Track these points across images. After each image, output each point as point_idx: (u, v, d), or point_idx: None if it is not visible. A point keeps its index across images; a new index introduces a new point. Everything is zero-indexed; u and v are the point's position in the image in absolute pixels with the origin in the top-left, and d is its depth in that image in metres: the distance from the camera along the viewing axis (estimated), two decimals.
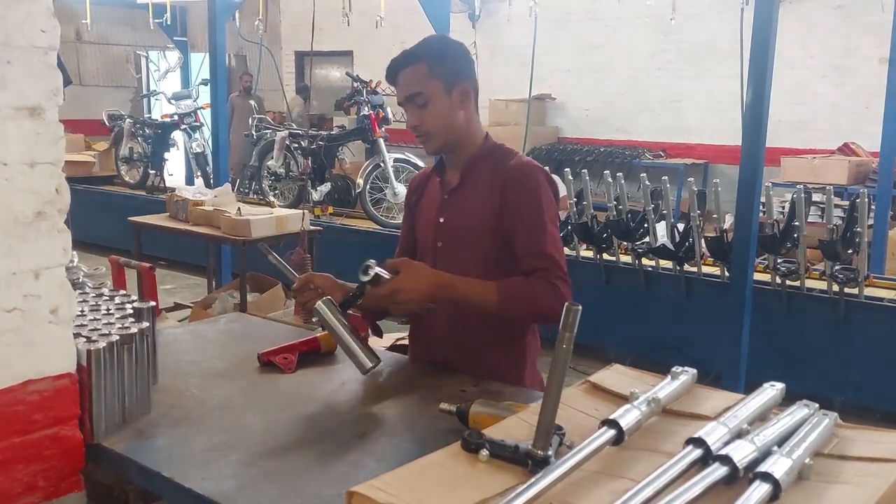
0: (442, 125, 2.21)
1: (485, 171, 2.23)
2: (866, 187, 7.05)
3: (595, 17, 11.01)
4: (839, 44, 9.31)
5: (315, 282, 2.24)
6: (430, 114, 2.19)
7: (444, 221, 2.28)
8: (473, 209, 2.22)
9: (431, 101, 2.18)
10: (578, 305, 1.41)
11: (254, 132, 8.90)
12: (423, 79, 2.18)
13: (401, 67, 2.21)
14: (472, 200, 2.23)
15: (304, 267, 4.52)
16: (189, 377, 2.14)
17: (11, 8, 1.58)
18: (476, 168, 2.25)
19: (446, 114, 2.20)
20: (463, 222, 2.24)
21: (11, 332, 1.63)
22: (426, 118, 2.19)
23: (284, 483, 1.56)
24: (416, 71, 2.19)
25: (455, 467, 1.40)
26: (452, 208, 2.27)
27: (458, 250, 2.24)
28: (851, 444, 1.47)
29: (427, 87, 2.17)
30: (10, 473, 1.64)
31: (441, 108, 2.19)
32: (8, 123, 1.60)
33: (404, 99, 2.21)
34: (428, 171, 2.46)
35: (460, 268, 2.18)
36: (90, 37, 14.02)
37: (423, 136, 2.22)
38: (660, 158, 10.44)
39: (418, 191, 2.44)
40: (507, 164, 2.22)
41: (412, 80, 2.19)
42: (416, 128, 2.22)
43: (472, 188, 2.24)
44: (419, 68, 2.19)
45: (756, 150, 4.34)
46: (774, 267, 4.99)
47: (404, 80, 2.20)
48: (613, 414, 1.45)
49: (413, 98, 2.19)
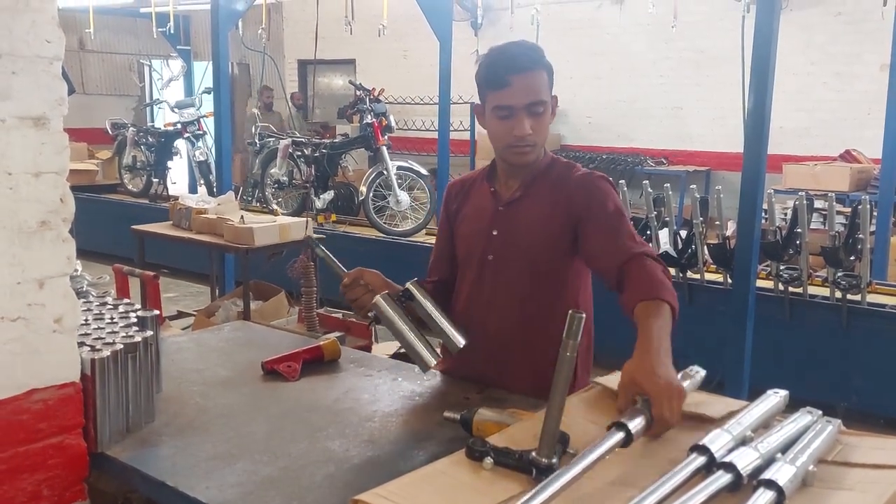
0: (545, 138, 2.15)
1: (545, 185, 2.18)
2: (868, 194, 7.04)
3: (597, 24, 11.03)
4: (840, 51, 9.31)
5: (365, 278, 2.17)
6: (543, 124, 2.12)
7: (498, 234, 2.20)
8: (532, 223, 2.16)
9: (546, 112, 2.11)
10: (582, 313, 1.41)
11: (257, 140, 8.91)
12: (545, 88, 2.09)
13: (522, 70, 2.06)
14: (531, 214, 2.17)
15: (307, 275, 4.51)
16: (193, 385, 2.15)
17: (16, 18, 1.59)
18: (536, 181, 2.19)
19: (548, 127, 2.17)
20: (520, 236, 2.17)
21: (16, 341, 1.64)
22: (539, 128, 2.10)
23: (288, 491, 1.56)
24: (541, 78, 2.09)
25: (459, 475, 1.40)
26: (508, 221, 2.20)
27: (509, 263, 2.18)
28: (855, 450, 1.47)
29: (547, 97, 2.10)
30: (15, 482, 1.65)
31: (548, 120, 2.14)
32: (13, 133, 1.60)
33: (526, 104, 2.06)
34: (468, 178, 2.39)
35: (508, 281, 2.17)
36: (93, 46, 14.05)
37: (529, 146, 2.11)
38: (662, 165, 10.44)
39: (459, 198, 2.35)
40: (570, 178, 2.17)
41: (538, 88, 2.08)
42: (525, 137, 2.08)
43: (533, 201, 2.17)
44: (542, 76, 2.09)
45: (758, 156, 4.33)
46: (777, 274, 4.99)
47: (528, 85, 2.07)
48: (622, 417, 1.46)
49: (535, 105, 2.07)
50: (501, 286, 2.19)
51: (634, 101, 10.88)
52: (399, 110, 11.44)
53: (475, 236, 2.25)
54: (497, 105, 2.09)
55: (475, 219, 2.27)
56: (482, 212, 2.25)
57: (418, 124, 11.59)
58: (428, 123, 11.12)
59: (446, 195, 2.42)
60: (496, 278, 2.20)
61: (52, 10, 1.64)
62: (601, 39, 10.99)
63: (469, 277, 2.28)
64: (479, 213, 2.26)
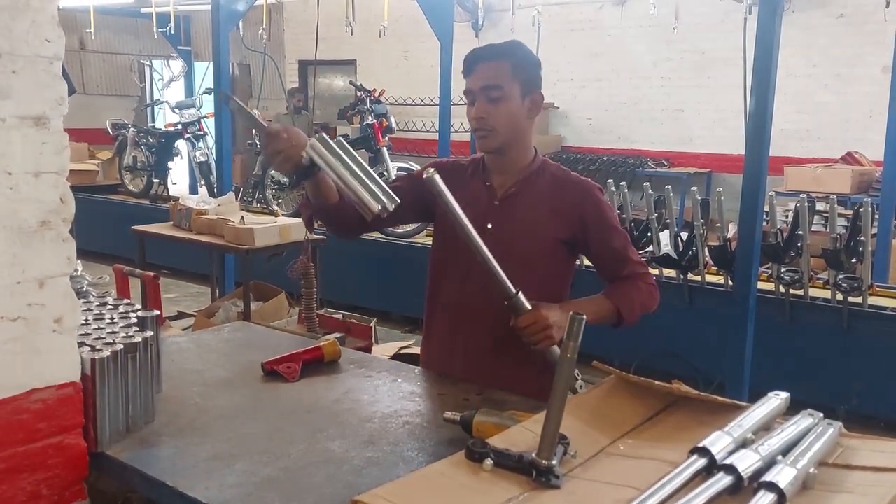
0: (508, 125, 2.21)
1: (543, 184, 2.27)
2: (870, 196, 7.04)
3: (598, 26, 11.04)
4: (842, 53, 9.32)
5: (289, 131, 2.06)
6: (501, 111, 2.19)
7: (493, 228, 2.24)
8: (528, 218, 2.24)
9: (506, 99, 2.18)
10: (583, 315, 1.41)
11: (257, 141, 8.91)
12: (504, 75, 2.18)
13: (483, 59, 2.20)
14: (528, 210, 2.25)
15: (307, 276, 4.51)
16: (193, 386, 2.14)
17: (16, 18, 1.59)
18: (532, 178, 2.28)
19: (515, 116, 2.21)
20: (515, 231, 2.24)
21: (16, 340, 1.63)
22: (495, 113, 2.18)
23: (288, 492, 1.56)
24: (499, 66, 2.19)
25: (459, 476, 1.39)
26: (504, 215, 2.26)
27: (502, 257, 2.14)
28: (856, 453, 1.46)
29: (506, 84, 2.18)
30: (14, 482, 1.64)
31: (513, 108, 2.20)
32: (13, 132, 1.60)
33: (479, 89, 2.19)
34: (456, 165, 2.41)
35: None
36: (94, 46, 14.07)
37: (486, 130, 2.20)
38: (663, 167, 10.44)
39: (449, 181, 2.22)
40: (568, 181, 2.29)
41: (493, 74, 2.18)
42: (480, 120, 2.20)
43: (529, 198, 2.26)
44: (503, 65, 2.19)
45: (759, 159, 4.34)
46: (778, 276, 4.99)
47: (484, 72, 2.19)
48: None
49: (488, 90, 2.18)
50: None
51: (635, 102, 10.89)
52: (399, 111, 11.45)
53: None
54: (464, 90, 2.24)
55: (467, 210, 2.17)
56: (475, 204, 2.23)
57: (419, 125, 11.60)
58: (428, 124, 11.13)
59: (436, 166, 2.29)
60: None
61: (53, 9, 1.64)
62: (602, 41, 11.00)
63: (458, 269, 2.29)
64: (472, 205, 2.20)
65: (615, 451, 1.52)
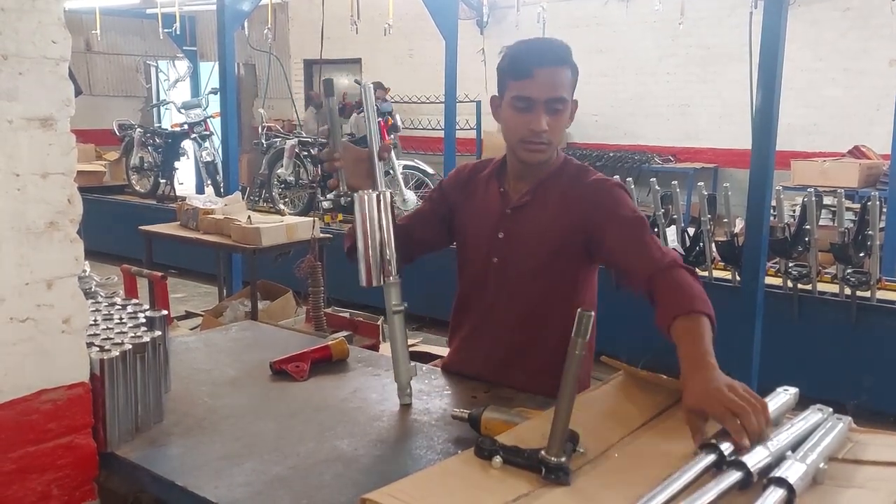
0: (560, 137, 2.11)
1: (556, 189, 2.13)
2: (877, 190, 7.01)
3: (603, 22, 11.01)
4: (849, 47, 9.28)
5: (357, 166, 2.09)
6: (560, 124, 2.06)
7: (504, 237, 2.16)
8: (540, 228, 2.12)
9: (565, 111, 2.06)
10: (591, 312, 1.41)
11: (263, 141, 8.92)
12: (566, 85, 2.04)
13: (546, 64, 2.02)
14: (539, 219, 2.12)
15: (314, 275, 4.52)
16: (201, 385, 2.15)
17: (23, 19, 1.59)
18: (547, 184, 2.14)
19: (565, 129, 2.12)
20: (526, 241, 2.13)
21: (25, 341, 1.64)
22: (554, 127, 2.05)
23: (297, 490, 1.56)
24: (562, 74, 2.04)
25: (468, 474, 1.39)
26: (515, 224, 2.15)
27: (515, 267, 2.14)
28: (865, 448, 1.46)
29: (568, 95, 2.05)
30: (25, 483, 1.65)
31: (566, 120, 2.08)
32: (20, 134, 1.60)
33: (546, 99, 2.01)
34: (479, 168, 2.31)
35: (513, 284, 2.15)
36: (100, 47, 14.11)
37: (544, 144, 2.06)
38: (669, 163, 10.42)
39: (466, 189, 2.27)
40: (582, 184, 2.12)
41: (561, 84, 2.03)
42: (540, 133, 2.03)
43: (542, 206, 2.13)
44: (564, 73, 2.04)
45: (766, 153, 4.32)
46: (786, 271, 4.97)
47: (548, 80, 2.01)
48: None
49: (555, 102, 2.02)
50: (505, 289, 2.17)
51: (641, 98, 10.86)
52: (405, 109, 11.45)
53: (480, 237, 2.21)
54: (517, 95, 2.03)
55: (481, 218, 2.22)
56: (488, 212, 2.20)
57: (424, 123, 11.59)
58: (434, 122, 11.13)
59: (455, 177, 2.34)
60: (500, 281, 2.17)
61: (58, 10, 1.65)
62: (607, 37, 10.97)
63: (471, 278, 2.27)
64: (486, 214, 2.20)
65: (624, 447, 1.51)
